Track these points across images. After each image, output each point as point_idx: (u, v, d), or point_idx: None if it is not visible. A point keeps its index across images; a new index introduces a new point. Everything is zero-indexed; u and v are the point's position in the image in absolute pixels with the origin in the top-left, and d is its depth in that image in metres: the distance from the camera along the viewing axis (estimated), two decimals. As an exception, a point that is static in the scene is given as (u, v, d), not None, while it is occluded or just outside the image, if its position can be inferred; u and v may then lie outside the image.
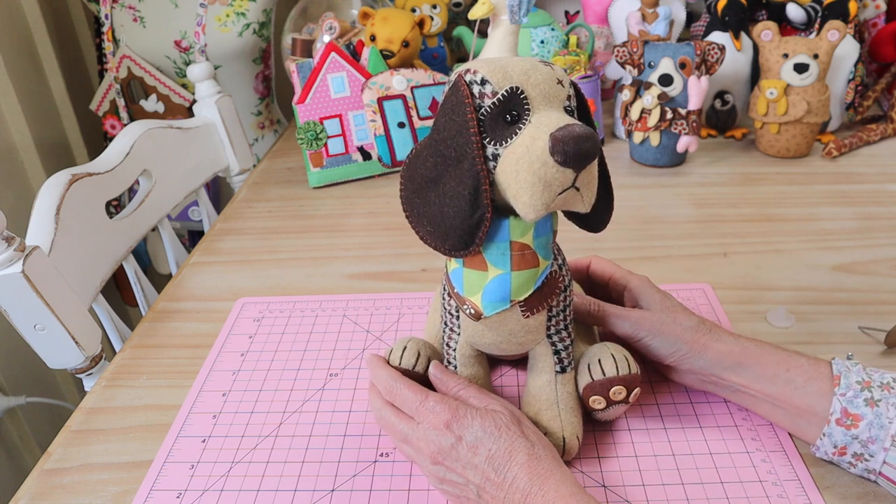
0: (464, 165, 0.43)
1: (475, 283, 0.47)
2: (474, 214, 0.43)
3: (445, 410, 0.46)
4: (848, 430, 0.45)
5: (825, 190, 0.91)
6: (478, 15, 0.94)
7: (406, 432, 0.47)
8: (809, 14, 1.05)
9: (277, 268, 0.80)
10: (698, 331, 0.51)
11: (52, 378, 1.31)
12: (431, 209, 0.45)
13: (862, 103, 1.11)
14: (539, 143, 0.40)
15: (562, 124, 0.40)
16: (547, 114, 0.42)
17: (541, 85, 0.43)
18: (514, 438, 0.44)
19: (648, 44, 0.94)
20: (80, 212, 0.72)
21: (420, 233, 0.46)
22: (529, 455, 0.43)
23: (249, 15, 1.26)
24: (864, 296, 0.68)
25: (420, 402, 0.47)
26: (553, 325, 0.49)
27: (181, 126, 0.93)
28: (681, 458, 0.50)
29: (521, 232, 0.45)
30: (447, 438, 0.45)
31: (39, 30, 1.29)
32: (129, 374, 0.64)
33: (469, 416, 0.45)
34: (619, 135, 1.11)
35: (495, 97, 0.42)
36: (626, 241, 0.81)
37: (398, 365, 0.52)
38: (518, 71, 0.43)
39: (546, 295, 0.47)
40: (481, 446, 0.44)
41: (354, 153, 1.00)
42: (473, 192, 0.43)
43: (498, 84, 0.42)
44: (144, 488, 0.51)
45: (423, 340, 0.54)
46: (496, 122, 0.42)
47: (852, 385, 0.45)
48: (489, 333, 0.49)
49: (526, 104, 0.42)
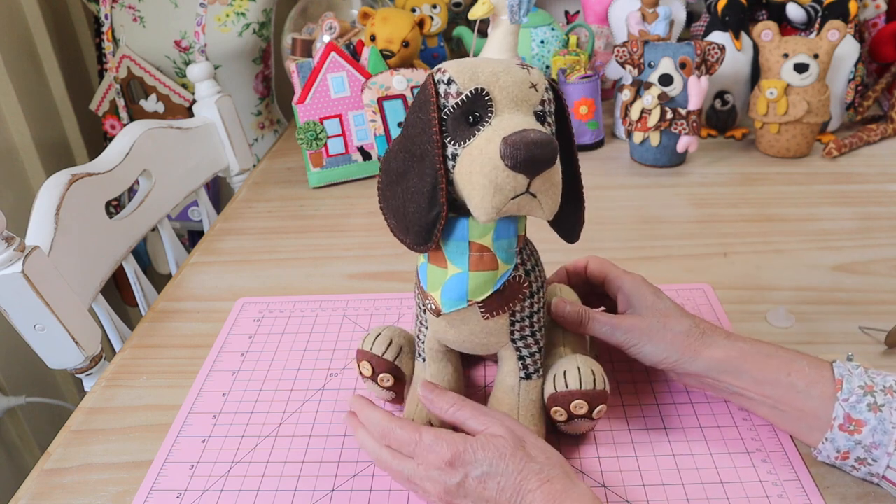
0: (425, 163, 0.43)
1: (436, 279, 0.47)
2: (431, 212, 0.43)
3: (445, 448, 0.44)
4: (851, 436, 0.44)
5: (825, 190, 0.91)
6: (478, 15, 0.94)
7: (408, 474, 0.45)
8: (809, 14, 1.05)
9: (277, 268, 0.80)
10: (690, 335, 0.50)
11: (52, 378, 1.31)
12: (396, 203, 0.46)
13: (862, 103, 1.11)
14: (492, 145, 0.40)
15: (518, 128, 0.40)
16: (510, 117, 0.42)
17: (510, 88, 0.42)
18: (522, 465, 0.42)
19: (648, 44, 0.94)
20: (80, 212, 0.72)
21: (389, 225, 0.47)
22: (540, 479, 0.42)
23: (249, 15, 1.26)
24: (864, 296, 0.68)
25: (416, 442, 0.45)
26: (517, 331, 0.49)
27: (181, 126, 0.93)
28: (681, 459, 0.50)
29: (479, 233, 0.45)
30: (452, 477, 0.43)
31: (39, 30, 1.29)
32: (129, 374, 0.64)
33: (470, 450, 0.43)
34: (619, 135, 1.11)
35: (459, 97, 0.42)
36: (626, 241, 0.81)
37: (369, 350, 0.53)
38: (488, 72, 0.43)
39: (507, 299, 0.47)
40: (490, 480, 0.42)
41: (354, 153, 1.00)
42: (431, 190, 0.43)
43: (463, 84, 0.42)
44: (144, 488, 0.51)
45: (398, 329, 0.55)
46: (458, 122, 0.43)
47: (855, 389, 0.45)
48: (451, 331, 0.49)
49: (489, 106, 0.42)
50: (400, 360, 0.54)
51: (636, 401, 0.56)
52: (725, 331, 0.51)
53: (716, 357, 0.49)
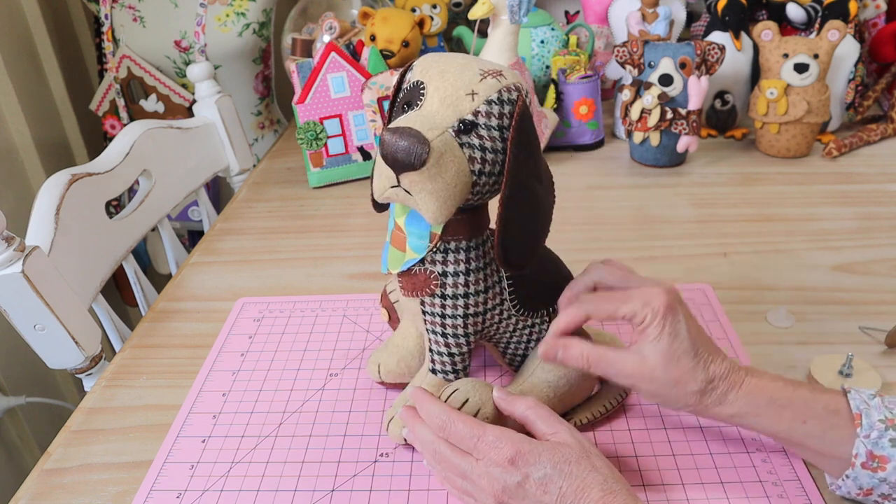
0: None
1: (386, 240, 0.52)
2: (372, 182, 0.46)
3: (508, 445, 0.43)
4: (875, 473, 0.43)
5: (825, 190, 0.91)
6: (478, 15, 0.94)
7: (465, 469, 0.44)
8: (809, 14, 1.05)
9: (277, 268, 0.80)
10: (704, 395, 0.46)
11: (52, 378, 1.31)
12: None
13: (862, 103, 1.11)
14: None
15: (404, 125, 0.41)
16: (425, 113, 0.43)
17: (446, 88, 0.43)
18: (586, 473, 0.41)
19: (648, 44, 0.94)
20: (80, 212, 0.72)
21: None
22: (604, 491, 0.41)
23: (249, 15, 1.26)
24: (864, 296, 0.68)
25: (478, 438, 0.44)
26: (428, 322, 0.50)
27: (181, 126, 0.93)
28: (681, 458, 0.50)
29: (398, 212, 0.49)
30: (513, 476, 0.42)
31: (39, 30, 1.29)
32: (129, 374, 0.64)
33: (535, 452, 0.42)
34: (619, 135, 1.11)
35: (407, 84, 0.45)
36: (626, 241, 0.81)
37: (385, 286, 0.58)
38: (438, 69, 0.44)
39: (416, 285, 0.49)
40: (551, 484, 0.41)
41: (354, 153, 1.00)
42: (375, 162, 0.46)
43: (414, 74, 0.45)
44: (144, 488, 0.51)
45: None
46: (398, 106, 0.46)
47: (875, 424, 0.43)
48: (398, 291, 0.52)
49: (420, 99, 0.44)
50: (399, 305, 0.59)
51: (637, 401, 0.56)
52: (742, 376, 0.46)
53: (725, 415, 0.47)
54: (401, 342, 0.58)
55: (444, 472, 0.47)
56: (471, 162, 0.43)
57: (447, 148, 0.42)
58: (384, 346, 0.59)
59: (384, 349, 0.58)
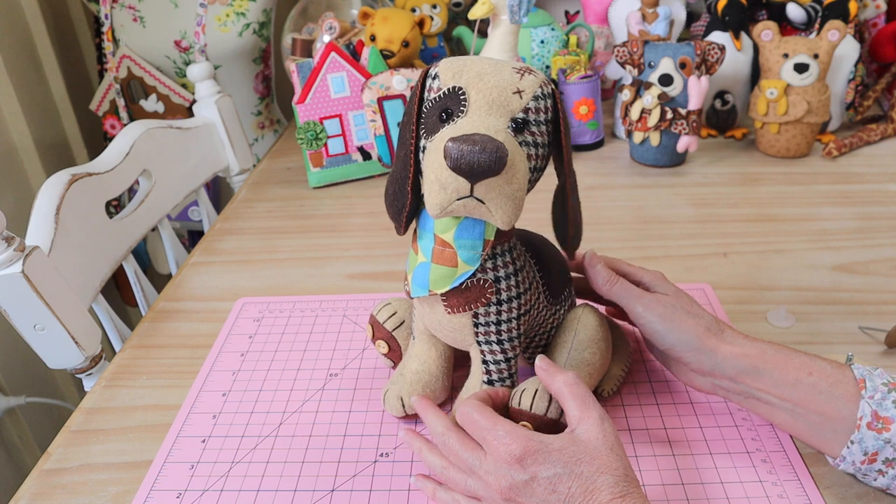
0: (403, 152, 0.46)
1: (411, 263, 0.50)
2: (400, 199, 0.46)
3: (518, 442, 0.42)
4: (880, 434, 0.43)
5: (825, 190, 0.91)
6: (478, 15, 0.94)
7: (472, 464, 0.44)
8: (809, 14, 1.05)
9: (277, 268, 0.80)
10: (710, 330, 0.49)
11: (52, 378, 1.31)
12: (388, 188, 0.49)
13: (862, 103, 1.11)
14: (440, 143, 0.41)
15: (470, 131, 0.40)
16: (476, 118, 0.42)
17: (489, 90, 0.42)
18: (596, 476, 0.41)
19: (648, 44, 0.94)
20: (80, 212, 0.72)
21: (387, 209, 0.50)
22: (612, 494, 0.40)
23: (249, 15, 1.26)
24: (864, 296, 0.68)
25: (489, 429, 0.44)
26: (482, 334, 0.49)
27: (181, 126, 0.93)
28: (681, 458, 0.50)
29: (442, 228, 0.46)
30: (521, 474, 0.42)
31: (39, 30, 1.29)
32: (129, 374, 0.64)
33: (545, 451, 0.42)
34: (619, 135, 1.11)
35: (438, 93, 0.43)
36: (626, 241, 0.81)
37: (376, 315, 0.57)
38: (474, 72, 0.43)
39: (469, 299, 0.47)
40: (560, 483, 0.41)
41: (354, 153, 1.00)
42: (403, 178, 0.45)
43: (445, 81, 0.43)
44: (144, 488, 0.51)
45: (409, 304, 0.57)
46: (431, 116, 0.44)
47: (879, 387, 0.44)
48: (427, 316, 0.50)
49: (462, 105, 0.42)
50: (398, 332, 0.57)
51: (636, 401, 0.56)
52: (743, 333, 0.50)
53: (735, 354, 0.48)
54: (420, 367, 0.54)
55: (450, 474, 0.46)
56: (528, 159, 0.43)
57: (513, 148, 0.41)
58: (400, 378, 0.55)
59: (401, 380, 0.54)
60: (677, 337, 0.49)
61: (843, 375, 0.45)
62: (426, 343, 0.54)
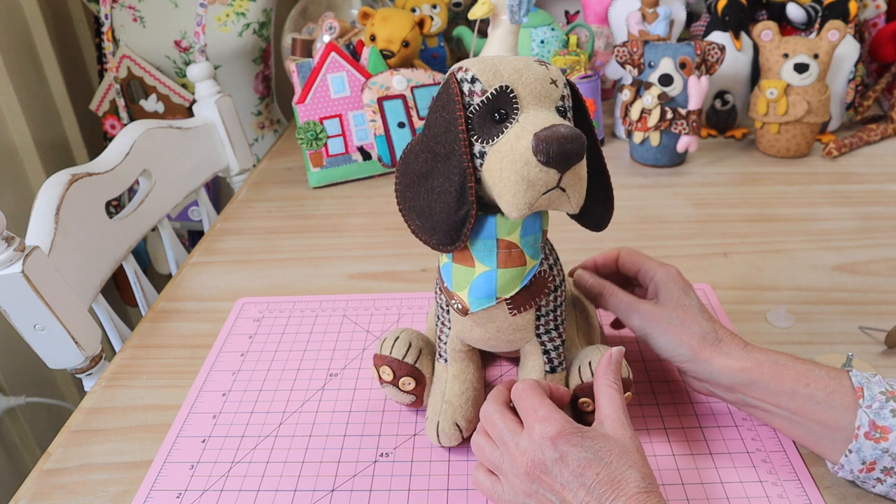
0: (451, 162, 0.43)
1: (463, 278, 0.47)
2: (460, 210, 0.43)
3: (554, 424, 0.42)
4: (877, 444, 0.43)
5: (825, 190, 0.91)
6: (478, 15, 0.94)
7: (505, 436, 0.44)
8: (809, 14, 1.05)
9: (277, 268, 0.80)
10: (706, 339, 0.49)
11: (52, 378, 1.31)
12: (421, 204, 0.45)
13: (862, 103, 1.11)
14: (523, 142, 0.41)
15: (547, 124, 0.40)
16: (535, 113, 0.42)
17: (532, 84, 0.43)
18: (625, 468, 0.41)
19: (648, 44, 0.94)
20: (80, 212, 0.72)
21: (411, 227, 0.46)
22: (639, 489, 0.40)
23: (249, 15, 1.26)
24: (864, 296, 0.68)
25: (533, 408, 0.44)
26: (542, 325, 0.49)
27: (181, 126, 0.93)
28: (681, 458, 0.50)
29: (507, 230, 0.45)
30: (550, 452, 0.41)
31: (39, 30, 1.29)
32: (129, 374, 0.64)
33: (579, 435, 0.42)
34: (619, 135, 1.11)
35: (484, 95, 0.43)
36: (626, 241, 0.81)
37: (388, 354, 0.53)
38: (510, 70, 0.43)
39: (534, 294, 0.47)
40: (589, 468, 0.41)
41: (354, 153, 1.00)
42: (459, 189, 0.43)
43: (487, 83, 0.43)
44: (144, 488, 0.51)
45: (414, 332, 0.55)
46: (484, 120, 0.43)
47: (877, 396, 0.44)
48: (477, 329, 0.49)
49: (515, 103, 0.42)
50: (420, 363, 0.53)
51: (636, 401, 0.56)
52: (744, 341, 0.50)
53: (729, 366, 0.48)
54: (465, 387, 0.52)
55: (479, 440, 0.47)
56: None
57: None
58: (446, 405, 0.52)
59: (449, 407, 0.52)
60: (673, 349, 0.50)
61: (841, 384, 0.45)
62: (463, 360, 0.53)
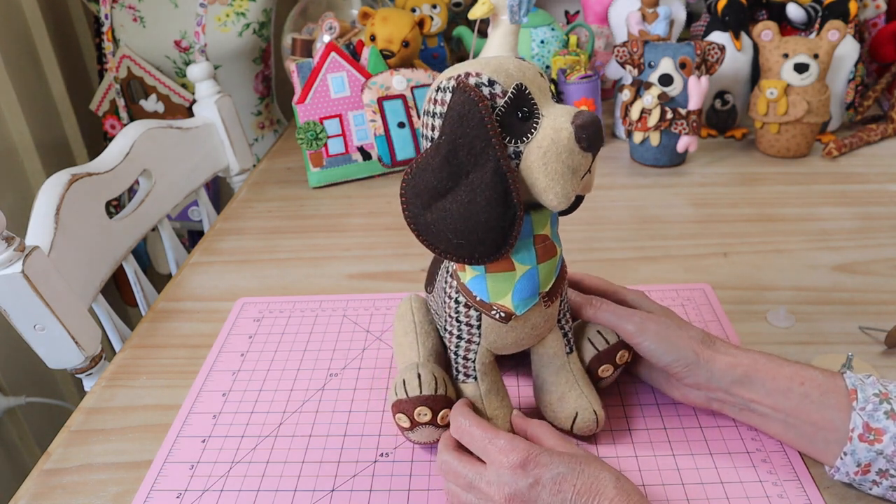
0: (486, 168, 0.42)
1: (503, 285, 0.46)
2: (506, 215, 0.42)
3: (518, 451, 0.42)
4: (872, 446, 0.43)
5: (825, 190, 0.91)
6: (478, 15, 0.94)
7: (471, 478, 0.44)
8: (809, 14, 1.05)
9: (277, 268, 0.80)
10: (704, 342, 0.49)
11: (52, 378, 1.31)
12: (454, 221, 0.43)
13: (862, 103, 1.11)
14: (564, 133, 0.42)
15: (574, 112, 0.42)
16: (550, 106, 0.44)
17: (534, 79, 0.44)
18: (598, 472, 0.41)
19: (648, 44, 0.94)
20: (80, 212, 0.72)
21: (440, 247, 0.44)
22: (617, 489, 0.40)
23: (249, 15, 1.26)
24: (864, 296, 0.68)
25: (489, 441, 0.44)
26: (562, 309, 0.51)
27: (181, 126, 0.93)
28: (681, 458, 0.50)
29: (542, 224, 0.46)
30: (523, 479, 0.41)
31: (39, 30, 1.29)
32: (129, 374, 0.64)
33: (546, 455, 0.42)
34: (619, 135, 1.11)
35: (506, 96, 0.43)
36: (626, 241, 0.81)
37: (420, 394, 0.49)
38: (514, 69, 0.44)
39: (562, 279, 0.50)
40: (565, 482, 0.41)
41: (354, 153, 1.00)
42: (503, 193, 0.42)
43: (505, 83, 0.43)
44: (144, 488, 0.51)
45: (422, 362, 0.52)
46: (511, 120, 0.43)
47: (870, 398, 0.44)
48: (512, 333, 0.49)
49: (532, 99, 0.43)
50: (449, 391, 0.51)
51: (636, 401, 0.56)
52: (733, 343, 0.51)
53: (729, 364, 0.48)
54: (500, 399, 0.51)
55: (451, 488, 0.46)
56: None
57: None
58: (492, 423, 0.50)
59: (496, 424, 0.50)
60: (675, 354, 0.49)
61: (835, 385, 0.46)
62: (490, 372, 0.51)
